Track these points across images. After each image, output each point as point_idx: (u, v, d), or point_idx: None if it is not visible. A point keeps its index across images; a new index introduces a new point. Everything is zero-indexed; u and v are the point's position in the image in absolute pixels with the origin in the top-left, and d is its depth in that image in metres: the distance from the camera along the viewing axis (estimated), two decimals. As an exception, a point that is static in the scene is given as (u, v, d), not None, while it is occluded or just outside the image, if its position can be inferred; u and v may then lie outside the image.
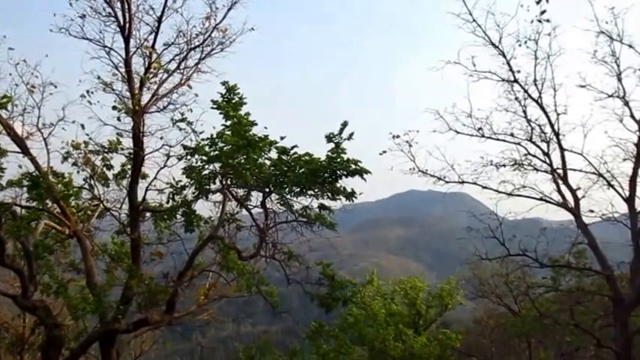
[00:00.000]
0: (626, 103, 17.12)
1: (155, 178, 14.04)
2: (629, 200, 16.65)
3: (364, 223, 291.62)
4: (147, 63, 13.48)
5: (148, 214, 14.89)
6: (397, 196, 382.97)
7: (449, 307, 28.54)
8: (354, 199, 13.59)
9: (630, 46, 16.57)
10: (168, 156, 13.78)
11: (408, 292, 28.17)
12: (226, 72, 13.98)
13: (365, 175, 13.32)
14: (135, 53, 13.44)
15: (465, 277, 31.57)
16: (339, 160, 13.02)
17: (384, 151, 17.88)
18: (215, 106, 13.80)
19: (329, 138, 13.22)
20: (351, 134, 13.24)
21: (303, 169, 13.13)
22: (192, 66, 13.90)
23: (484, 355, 32.82)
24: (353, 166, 13.03)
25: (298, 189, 13.63)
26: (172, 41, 13.65)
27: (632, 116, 17.02)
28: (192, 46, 13.80)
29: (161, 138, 13.59)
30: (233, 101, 13.62)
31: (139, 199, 14.00)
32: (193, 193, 14.25)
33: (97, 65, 13.17)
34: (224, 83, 13.66)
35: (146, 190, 13.98)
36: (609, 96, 17.36)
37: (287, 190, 13.86)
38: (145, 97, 13.41)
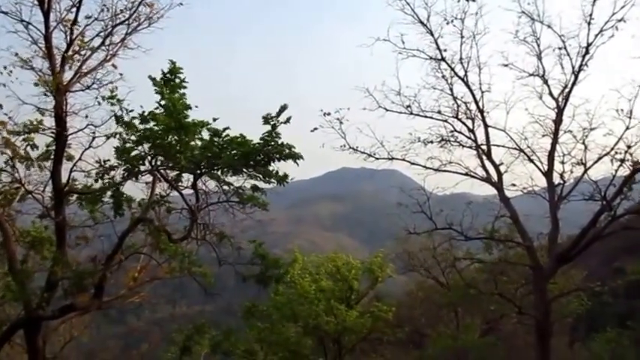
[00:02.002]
0: (546, 82, 18.18)
1: (80, 159, 13.61)
2: (548, 174, 17.75)
3: (298, 201, 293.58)
4: (69, 39, 12.95)
5: (73, 197, 14.32)
6: (330, 174, 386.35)
7: (379, 280, 29.22)
8: (286, 183, 13.59)
9: (549, 27, 17.38)
10: (93, 136, 13.31)
11: (340, 267, 28.54)
12: (152, 48, 13.62)
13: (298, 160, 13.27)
14: (55, 28, 12.95)
15: (395, 251, 32.33)
16: (273, 143, 12.96)
17: (315, 128, 18.28)
18: (154, 85, 13.36)
19: (266, 119, 13.26)
20: (289, 118, 13.24)
21: (235, 152, 13.03)
22: (118, 42, 13.45)
23: (415, 325, 33.87)
24: (287, 151, 13.02)
25: (231, 171, 13.47)
26: (96, 16, 13.10)
27: (550, 94, 18.17)
28: (118, 21, 13.34)
29: (86, 117, 13.16)
30: (171, 83, 13.21)
31: (64, 180, 13.47)
32: (122, 174, 13.83)
33: (15, 40, 12.57)
34: (171, 62, 13.24)
35: (70, 171, 13.54)
36: (530, 75, 18.40)
37: (219, 172, 13.71)
38: (68, 75, 12.90)
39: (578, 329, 39.18)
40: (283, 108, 13.30)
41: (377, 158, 18.85)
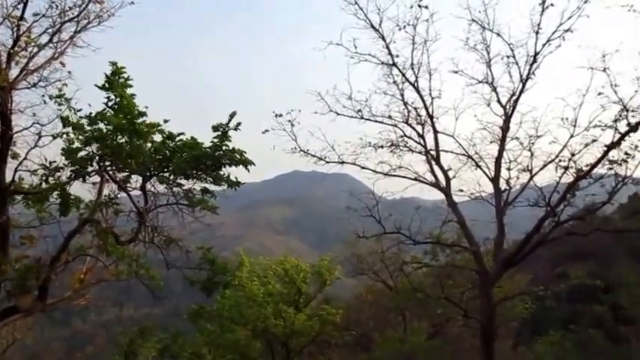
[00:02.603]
0: (494, 89, 18.76)
1: (25, 158, 13.29)
2: (495, 180, 18.26)
3: (250, 204, 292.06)
4: (15, 35, 12.66)
5: (19, 197, 13.99)
6: (282, 177, 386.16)
7: (327, 283, 29.51)
8: (235, 188, 13.62)
9: (499, 35, 17.91)
10: (40, 135, 13.04)
11: (288, 270, 28.70)
12: (102, 47, 13.42)
13: (249, 166, 13.32)
14: (1, 24, 12.63)
15: (344, 255, 32.62)
16: (224, 148, 12.97)
17: (267, 130, 18.45)
18: (100, 86, 13.14)
19: (215, 128, 13.25)
20: (238, 124, 13.29)
21: (186, 155, 12.99)
22: (67, 40, 13.21)
23: (363, 328, 34.21)
24: (238, 157, 13.02)
25: (181, 174, 13.41)
26: (44, 13, 12.82)
27: (498, 101, 18.73)
28: (67, 18, 13.10)
29: (34, 114, 12.88)
30: (116, 83, 13.05)
31: (9, 180, 13.16)
32: (69, 175, 13.59)
33: (-43, 35, 12.20)
34: (113, 63, 13.07)
35: (15, 170, 13.21)
36: (479, 82, 18.95)
37: (169, 174, 13.63)
38: (14, 72, 12.63)
39: (522, 332, 40.34)
40: (232, 115, 13.36)
41: (327, 162, 19.15)
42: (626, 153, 15.73)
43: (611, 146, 15.79)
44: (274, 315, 27.66)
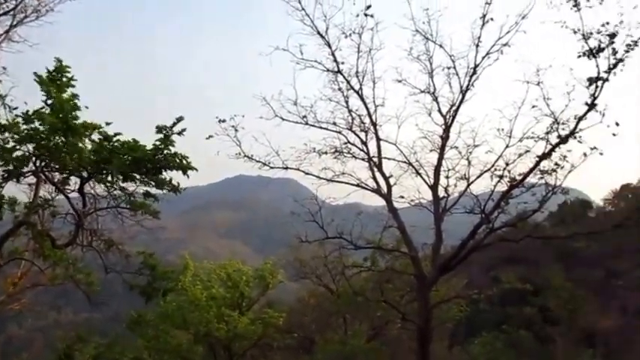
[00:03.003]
0: (436, 99, 18.86)
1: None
2: (434, 188, 18.45)
3: (194, 207, 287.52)
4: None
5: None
6: (228, 180, 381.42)
7: (270, 286, 29.26)
8: (179, 192, 13.24)
9: (441, 46, 18.10)
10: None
11: (231, 274, 28.34)
12: (39, 43, 12.87)
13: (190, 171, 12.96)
14: None
15: (288, 259, 32.48)
16: (166, 152, 12.58)
17: (211, 136, 18.12)
18: (38, 81, 12.52)
19: (159, 129, 12.75)
20: (183, 129, 12.87)
21: (127, 157, 12.51)
22: (2, 34, 12.59)
23: (305, 331, 34.11)
24: (178, 161, 12.64)
25: (122, 176, 12.93)
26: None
27: (439, 111, 18.85)
28: (2, 11, 12.48)
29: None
30: (58, 82, 12.48)
31: None
32: (2, 175, 12.92)
33: None
34: (58, 60, 12.49)
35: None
36: (421, 91, 19.00)
37: (109, 176, 13.13)
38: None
39: (457, 333, 41.08)
40: (179, 119, 13.01)
41: (271, 167, 18.93)
42: (556, 164, 16.12)
43: (542, 157, 16.15)
44: (217, 319, 27.23)
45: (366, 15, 17.95)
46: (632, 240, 59.67)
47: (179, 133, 13.09)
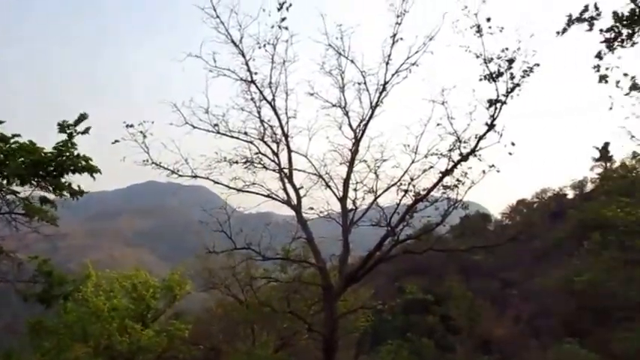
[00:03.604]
0: (346, 113, 19.19)
1: None
2: (342, 200, 18.67)
3: (99, 213, 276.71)
4: None
5: None
6: (136, 186, 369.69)
7: (177, 297, 28.48)
8: (78, 197, 12.53)
9: (353, 62, 18.38)
10: None
11: (137, 286, 27.34)
12: None
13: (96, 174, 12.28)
14: None
15: (196, 269, 31.80)
16: (68, 154, 11.88)
17: (117, 141, 17.50)
18: None
19: (62, 127, 12.06)
20: (88, 128, 12.23)
21: (24, 159, 11.71)
22: None
23: (212, 342, 33.46)
24: (83, 163, 11.97)
25: (18, 180, 12.07)
26: None
27: (349, 125, 19.15)
28: None
29: None
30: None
31: None
32: None
33: None
34: None
35: None
36: (333, 105, 19.27)
37: (4, 180, 12.24)
38: None
39: (363, 343, 41.63)
40: (82, 117, 12.35)
41: (180, 175, 18.48)
42: (457, 180, 16.80)
43: (445, 173, 16.78)
44: (119, 331, 26.18)
45: (280, 27, 17.97)
46: (526, 251, 63.29)
47: (83, 132, 12.43)
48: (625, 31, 10.72)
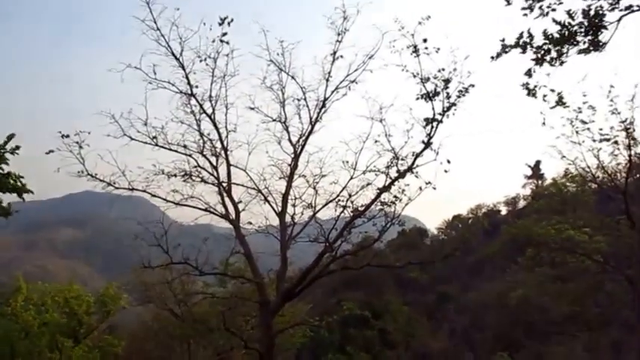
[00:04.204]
0: (286, 128, 19.00)
1: None
2: (281, 215, 18.48)
3: (32, 224, 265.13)
4: None
5: None
6: (72, 196, 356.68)
7: (112, 312, 27.64)
8: (8, 215, 11.99)
9: (293, 78, 18.33)
10: None
11: (69, 299, 26.39)
12: None
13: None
14: None
15: (132, 282, 31.01)
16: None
17: (51, 151, 16.86)
18: None
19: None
20: (17, 147, 11.68)
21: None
22: None
23: (147, 357, 32.68)
24: (12, 182, 11.44)
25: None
26: None
27: (289, 140, 18.98)
28: None
29: None
30: None
31: None
32: None
33: None
34: None
35: None
36: (273, 120, 19.03)
37: None
38: None
39: (302, 357, 41.56)
40: (10, 137, 11.83)
41: (117, 187, 17.98)
42: (395, 196, 16.96)
43: (383, 189, 16.90)
44: (49, 347, 25.18)
45: (222, 41, 17.77)
46: (461, 266, 64.86)
47: (12, 152, 11.91)
48: (554, 50, 11.10)
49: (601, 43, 10.60)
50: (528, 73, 11.66)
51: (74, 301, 26.93)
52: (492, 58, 11.81)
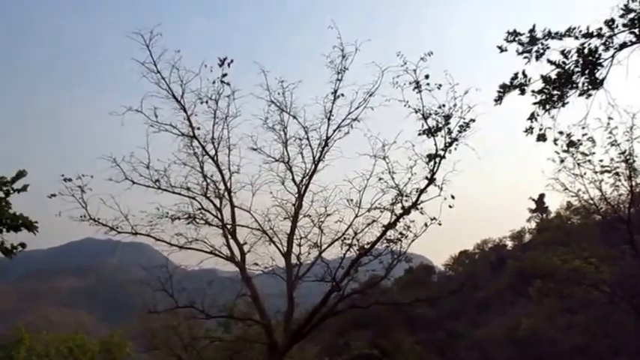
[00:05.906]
0: (290, 168, 18.97)
1: None
2: (287, 255, 18.33)
3: (33, 273, 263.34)
4: None
5: None
6: (72, 244, 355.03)
7: (117, 360, 27.25)
8: (12, 255, 11.87)
9: (295, 117, 18.49)
10: None
11: (73, 349, 26.02)
12: None
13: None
14: None
15: (137, 329, 30.62)
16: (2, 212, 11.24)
17: (54, 195, 16.73)
18: None
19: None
20: (26, 186, 11.60)
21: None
22: None
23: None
24: (20, 222, 11.31)
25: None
26: None
27: (293, 180, 18.94)
28: None
29: None
30: None
31: None
32: None
33: None
34: None
35: None
36: (276, 160, 19.03)
37: None
38: None
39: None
40: (20, 174, 11.82)
41: (120, 232, 17.78)
42: (400, 233, 16.86)
43: (388, 227, 16.77)
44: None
45: (222, 82, 17.97)
46: (469, 301, 64.26)
47: (20, 190, 11.84)
48: (555, 93, 11.22)
49: (598, 81, 10.74)
50: (532, 117, 11.74)
51: (78, 350, 26.53)
52: (495, 101, 11.95)
